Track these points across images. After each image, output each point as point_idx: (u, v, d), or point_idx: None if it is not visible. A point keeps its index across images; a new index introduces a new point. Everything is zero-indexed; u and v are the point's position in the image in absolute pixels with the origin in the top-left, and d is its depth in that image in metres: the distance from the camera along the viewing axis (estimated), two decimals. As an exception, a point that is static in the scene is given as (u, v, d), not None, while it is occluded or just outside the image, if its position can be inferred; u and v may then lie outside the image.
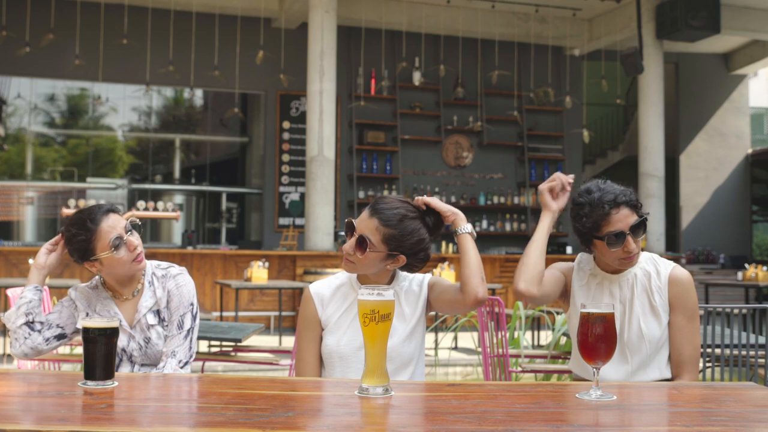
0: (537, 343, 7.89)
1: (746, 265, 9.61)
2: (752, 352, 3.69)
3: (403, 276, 2.30)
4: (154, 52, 10.50)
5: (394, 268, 2.23)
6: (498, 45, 11.66)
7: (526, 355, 4.61)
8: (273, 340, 8.06)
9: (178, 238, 12.18)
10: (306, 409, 1.59)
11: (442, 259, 9.49)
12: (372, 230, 2.16)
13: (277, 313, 9.26)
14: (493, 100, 12.27)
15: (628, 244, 2.31)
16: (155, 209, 9.00)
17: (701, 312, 2.78)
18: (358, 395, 1.66)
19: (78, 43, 10.02)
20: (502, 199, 12.23)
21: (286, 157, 11.61)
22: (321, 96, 9.55)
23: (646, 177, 11.00)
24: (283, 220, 11.56)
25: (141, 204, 9.00)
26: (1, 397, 1.61)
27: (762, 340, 3.75)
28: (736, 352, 3.63)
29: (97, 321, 1.76)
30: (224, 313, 8.84)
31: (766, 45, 13.02)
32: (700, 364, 2.41)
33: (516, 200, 12.26)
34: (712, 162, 14.14)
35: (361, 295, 1.69)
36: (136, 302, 2.39)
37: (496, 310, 4.03)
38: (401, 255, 2.18)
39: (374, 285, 1.78)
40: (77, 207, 9.63)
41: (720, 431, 1.43)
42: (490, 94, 12.17)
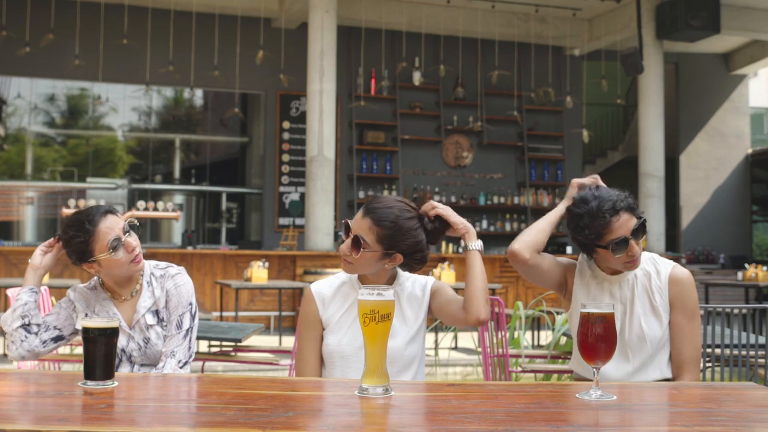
0: (537, 343, 7.89)
1: (746, 265, 9.60)
2: (752, 352, 3.69)
3: (404, 277, 2.30)
4: (154, 52, 10.50)
5: (392, 267, 2.22)
6: (498, 45, 11.66)
7: (526, 355, 4.61)
8: (273, 340, 8.06)
9: (178, 238, 12.18)
10: (306, 409, 1.59)
11: (442, 259, 9.50)
12: (366, 230, 2.15)
13: (277, 313, 9.26)
14: (493, 100, 12.27)
15: (632, 249, 2.30)
16: (155, 209, 9.00)
17: (701, 312, 2.78)
18: (358, 395, 1.66)
19: (78, 43, 10.02)
20: (502, 199, 12.23)
21: (286, 157, 11.61)
22: (321, 96, 9.55)
23: (646, 177, 11.01)
24: (283, 220, 11.56)
25: (141, 204, 9.00)
26: (1, 397, 1.61)
27: (762, 340, 3.75)
28: (736, 352, 3.63)
29: (97, 321, 1.76)
30: (224, 313, 8.84)
31: (766, 45, 13.01)
32: (701, 364, 2.40)
33: (516, 200, 12.26)
34: (712, 162, 14.14)
35: (361, 295, 1.69)
36: (134, 302, 2.39)
37: (496, 310, 4.03)
38: (397, 254, 2.17)
39: (374, 285, 1.78)
40: (77, 207, 9.63)
41: (720, 431, 1.43)
42: (490, 94, 12.17)
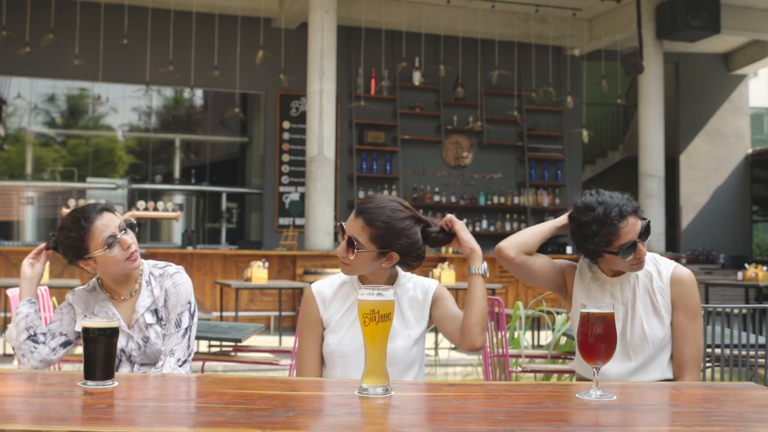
0: (537, 343, 7.89)
1: (746, 265, 9.60)
2: (752, 352, 3.69)
3: (406, 278, 2.29)
4: (154, 52, 10.49)
5: (390, 266, 2.22)
6: (498, 45, 11.65)
7: (526, 355, 4.61)
8: (273, 340, 8.06)
9: (178, 238, 12.18)
10: (306, 409, 1.59)
11: (442, 259, 9.49)
12: (359, 230, 2.16)
13: (277, 313, 9.26)
14: (493, 100, 12.27)
15: (640, 252, 2.30)
16: (155, 209, 9.00)
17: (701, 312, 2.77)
18: (358, 395, 1.65)
19: (78, 43, 10.01)
20: (502, 199, 12.23)
21: (286, 157, 11.61)
22: (321, 96, 9.55)
23: (646, 177, 11.01)
24: (283, 220, 11.56)
25: (141, 204, 9.00)
26: (1, 397, 1.61)
27: (762, 340, 3.75)
28: (736, 352, 3.63)
29: (97, 321, 1.76)
30: (224, 313, 8.84)
31: (766, 45, 13.01)
32: (702, 364, 2.40)
33: (516, 200, 12.26)
34: (712, 162, 14.13)
35: (361, 295, 1.69)
36: (133, 302, 2.38)
37: (496, 310, 4.03)
38: (393, 252, 2.17)
39: (374, 285, 1.78)
40: (77, 207, 9.63)
41: (720, 431, 1.43)
42: (490, 94, 12.16)
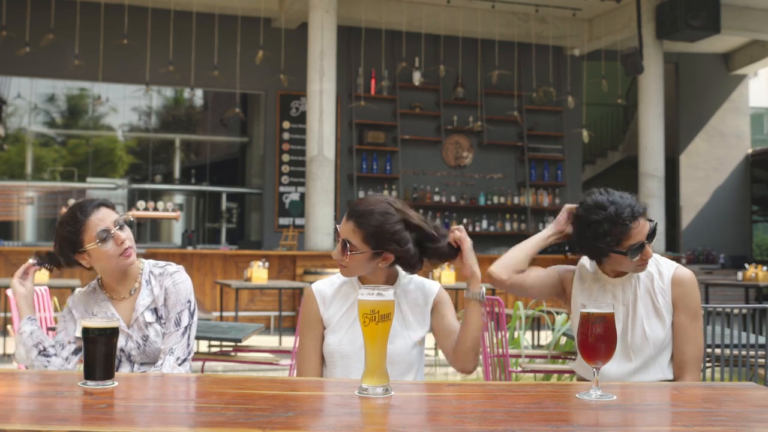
0: (537, 343, 7.88)
1: (746, 265, 9.59)
2: (752, 352, 3.69)
3: (407, 279, 2.30)
4: (154, 52, 10.49)
5: (387, 266, 2.21)
6: (498, 45, 11.65)
7: (526, 355, 4.61)
8: (273, 340, 8.06)
9: (178, 238, 12.17)
10: (306, 409, 1.59)
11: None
12: (351, 233, 2.16)
13: (277, 313, 9.26)
14: (493, 100, 12.26)
15: (646, 253, 2.29)
16: (155, 209, 9.00)
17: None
18: (358, 395, 1.65)
19: (78, 43, 10.01)
20: (502, 199, 12.23)
21: (286, 157, 11.60)
22: (321, 96, 9.55)
23: (646, 177, 11.00)
24: (283, 220, 11.56)
25: (141, 204, 9.00)
26: (1, 397, 1.61)
27: (762, 340, 3.75)
28: (736, 352, 3.63)
29: (97, 321, 1.76)
30: (224, 313, 8.84)
31: (766, 45, 13.01)
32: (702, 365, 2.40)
33: (516, 200, 12.26)
34: (712, 162, 14.13)
35: (361, 295, 1.69)
36: (133, 301, 2.39)
37: (496, 310, 4.03)
38: (387, 253, 2.16)
39: (374, 285, 1.78)
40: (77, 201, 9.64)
41: (720, 431, 1.43)
42: (490, 94, 12.16)
